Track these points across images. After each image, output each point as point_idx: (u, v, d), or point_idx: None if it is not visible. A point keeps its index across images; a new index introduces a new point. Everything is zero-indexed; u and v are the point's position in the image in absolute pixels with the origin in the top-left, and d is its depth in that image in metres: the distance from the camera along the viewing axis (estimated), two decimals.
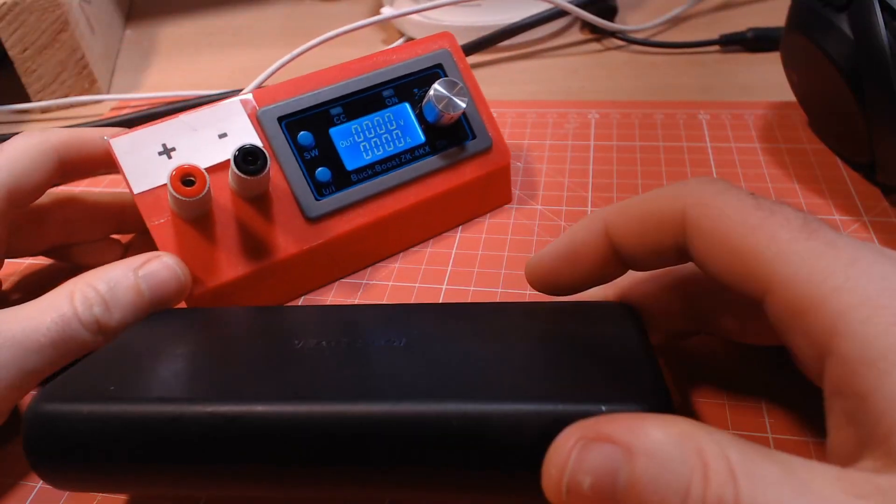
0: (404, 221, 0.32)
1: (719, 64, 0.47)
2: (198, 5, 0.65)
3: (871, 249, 0.16)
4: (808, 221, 0.17)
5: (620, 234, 0.21)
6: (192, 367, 0.20)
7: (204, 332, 0.23)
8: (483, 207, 0.34)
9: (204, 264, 0.28)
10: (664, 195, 0.20)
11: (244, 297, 0.29)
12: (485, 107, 0.33)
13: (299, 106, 0.30)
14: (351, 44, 0.52)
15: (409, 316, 0.23)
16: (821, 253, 0.16)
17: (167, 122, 0.28)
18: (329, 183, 0.30)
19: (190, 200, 0.26)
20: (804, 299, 0.16)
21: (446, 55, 0.33)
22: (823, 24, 0.32)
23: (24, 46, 0.47)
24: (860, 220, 0.32)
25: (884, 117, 0.30)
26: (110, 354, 0.21)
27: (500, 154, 0.33)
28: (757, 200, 0.18)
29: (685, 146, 0.38)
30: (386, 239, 0.32)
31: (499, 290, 0.30)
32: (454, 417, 0.16)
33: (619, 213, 0.21)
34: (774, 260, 0.16)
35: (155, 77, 0.54)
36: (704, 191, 0.19)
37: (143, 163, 0.28)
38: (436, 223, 0.33)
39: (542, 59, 0.50)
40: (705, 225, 0.18)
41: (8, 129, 0.48)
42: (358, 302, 0.30)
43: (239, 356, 0.21)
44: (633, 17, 0.54)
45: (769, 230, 0.17)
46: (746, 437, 0.23)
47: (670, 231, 0.19)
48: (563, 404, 0.16)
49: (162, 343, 0.22)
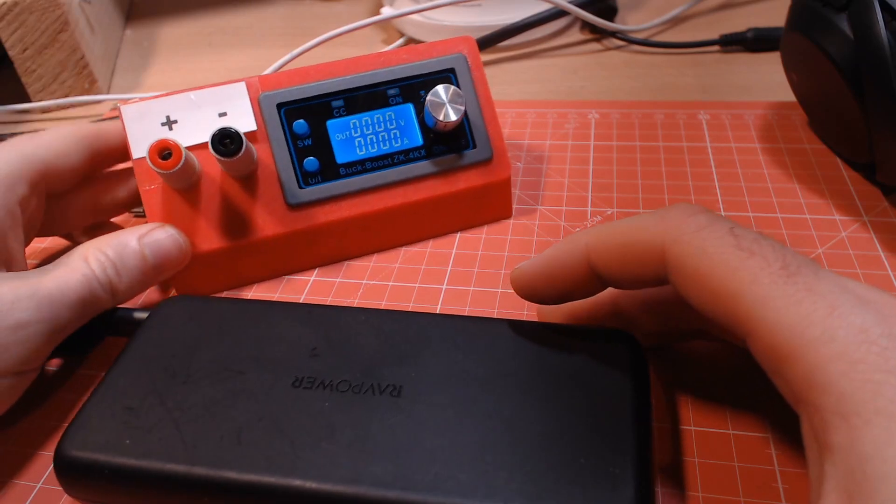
0: (388, 221, 0.32)
1: (719, 64, 0.47)
2: (198, 5, 0.65)
3: (851, 295, 0.16)
4: (788, 262, 0.17)
5: (602, 261, 0.21)
6: (194, 420, 0.22)
7: (206, 360, 0.24)
8: (479, 219, 0.34)
9: (186, 232, 0.29)
10: (645, 227, 0.20)
11: (222, 269, 0.31)
12: (493, 117, 0.32)
13: (301, 94, 0.31)
14: (351, 44, 0.52)
15: (410, 348, 0.23)
16: (800, 300, 0.16)
17: (174, 96, 0.30)
18: (316, 173, 0.31)
19: (165, 173, 0.27)
20: (783, 348, 0.16)
21: (461, 60, 0.32)
22: (823, 24, 0.32)
23: (24, 46, 0.47)
24: (860, 220, 0.32)
25: (884, 117, 0.30)
26: (122, 388, 0.23)
27: (499, 167, 0.32)
28: (737, 238, 0.18)
29: (685, 146, 0.38)
30: (368, 235, 0.32)
31: (499, 290, 0.30)
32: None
33: (600, 240, 0.21)
34: (755, 305, 0.17)
35: (155, 77, 0.54)
36: (684, 227, 0.19)
37: (147, 131, 0.29)
38: (424, 227, 0.33)
39: (542, 59, 0.50)
40: (686, 264, 0.18)
41: (8, 129, 0.48)
42: (358, 302, 0.30)
43: (237, 405, 0.22)
44: (633, 17, 0.54)
45: (750, 272, 0.17)
46: (747, 436, 0.23)
47: (651, 264, 0.19)
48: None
49: (166, 382, 0.23)
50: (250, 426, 0.21)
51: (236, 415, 0.21)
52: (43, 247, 0.35)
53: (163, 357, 0.24)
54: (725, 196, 0.34)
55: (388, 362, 0.23)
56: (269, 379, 0.22)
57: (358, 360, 0.23)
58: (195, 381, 0.23)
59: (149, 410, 0.22)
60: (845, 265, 0.30)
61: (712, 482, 0.22)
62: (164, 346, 0.24)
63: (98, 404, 0.22)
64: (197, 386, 0.22)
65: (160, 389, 0.22)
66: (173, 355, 0.24)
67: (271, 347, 0.24)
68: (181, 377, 0.23)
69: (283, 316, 0.25)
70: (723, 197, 0.34)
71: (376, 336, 0.24)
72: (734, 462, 0.23)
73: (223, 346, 0.24)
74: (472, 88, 0.32)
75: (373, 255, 0.33)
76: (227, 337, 0.24)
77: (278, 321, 0.25)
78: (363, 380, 0.22)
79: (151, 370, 0.23)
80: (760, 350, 0.17)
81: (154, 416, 0.22)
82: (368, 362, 0.23)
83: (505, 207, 0.34)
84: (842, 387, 0.15)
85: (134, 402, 0.22)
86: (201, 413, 0.22)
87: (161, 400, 0.22)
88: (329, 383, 0.22)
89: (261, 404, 0.22)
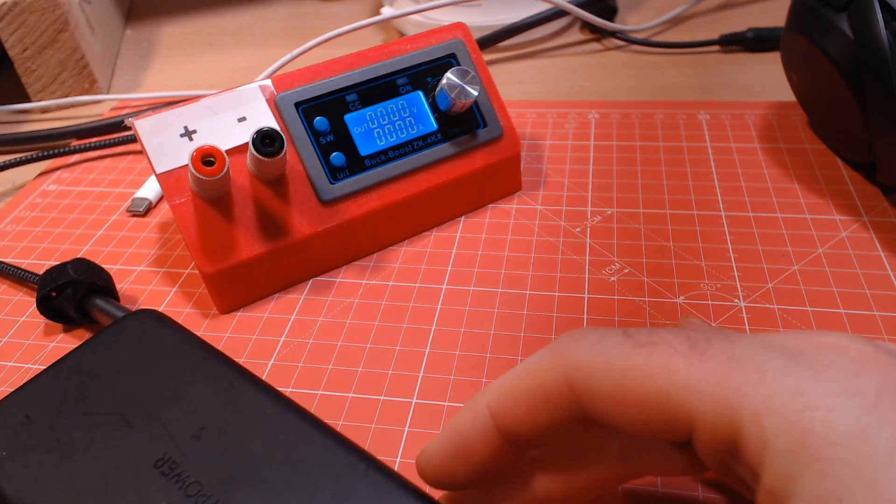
0: (415, 206, 0.33)
1: (719, 64, 0.47)
2: (198, 5, 0.65)
3: (776, 352, 0.15)
4: (694, 340, 0.16)
5: (509, 421, 0.18)
6: (60, 461, 0.22)
7: (113, 396, 0.24)
8: (494, 194, 0.35)
9: (221, 243, 0.29)
10: (542, 368, 0.17)
11: (260, 275, 0.30)
12: (496, 96, 0.34)
13: (316, 92, 0.31)
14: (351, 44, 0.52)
15: (281, 478, 0.21)
16: (725, 375, 0.15)
17: (190, 106, 0.29)
18: (343, 167, 0.31)
19: (210, 180, 0.27)
20: (725, 433, 0.14)
21: (460, 45, 0.34)
22: (823, 24, 0.32)
23: (24, 46, 0.47)
24: (860, 220, 0.32)
25: (884, 117, 0.30)
26: (38, 394, 0.23)
27: (510, 143, 0.34)
28: (633, 337, 0.16)
29: (685, 146, 0.38)
30: (397, 222, 0.33)
31: (499, 290, 0.30)
32: None
33: (501, 398, 0.18)
34: (682, 397, 0.15)
35: (155, 77, 0.54)
36: (580, 350, 0.17)
37: (166, 144, 0.29)
38: (446, 208, 0.34)
39: (542, 59, 0.50)
40: (597, 385, 0.16)
41: (8, 129, 0.48)
42: (358, 301, 0.30)
43: (100, 460, 0.22)
44: (633, 17, 0.54)
45: (661, 365, 0.15)
46: None
47: (563, 404, 0.17)
48: None
49: (71, 405, 0.23)
50: (90, 491, 0.21)
51: (91, 473, 0.21)
52: (43, 246, 0.35)
53: (88, 375, 0.24)
54: (725, 196, 0.34)
55: (249, 483, 0.21)
56: (142, 445, 0.22)
57: (225, 466, 0.21)
58: (91, 416, 0.23)
59: (40, 429, 0.22)
60: (845, 265, 0.30)
61: (713, 481, 0.22)
62: (96, 364, 0.24)
63: (9, 401, 0.23)
64: (90, 422, 0.22)
65: (62, 410, 0.23)
66: (96, 377, 0.24)
67: (171, 407, 0.23)
68: (84, 405, 0.23)
69: (206, 374, 0.24)
70: (723, 197, 0.34)
71: (264, 443, 0.22)
72: None
73: (137, 385, 0.24)
74: (475, 70, 0.33)
75: (373, 255, 0.33)
76: (147, 377, 0.24)
77: (199, 378, 0.24)
78: (212, 492, 0.21)
79: (70, 386, 0.23)
80: (706, 442, 0.15)
81: (39, 437, 0.22)
82: (231, 473, 0.21)
83: (515, 181, 0.36)
84: (789, 469, 0.13)
85: (36, 413, 0.22)
86: (69, 454, 0.22)
87: (55, 422, 0.22)
88: (185, 478, 0.21)
89: (117, 472, 0.21)
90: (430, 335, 0.28)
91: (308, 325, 0.29)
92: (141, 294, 0.32)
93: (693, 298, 0.29)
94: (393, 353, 0.28)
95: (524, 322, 0.28)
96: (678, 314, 0.28)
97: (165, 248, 0.34)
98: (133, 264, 0.34)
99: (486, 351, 0.27)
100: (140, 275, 0.33)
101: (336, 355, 0.28)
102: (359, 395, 0.26)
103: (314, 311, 0.30)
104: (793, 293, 0.29)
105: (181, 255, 0.34)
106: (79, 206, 0.38)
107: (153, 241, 0.35)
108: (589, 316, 0.28)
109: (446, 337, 0.28)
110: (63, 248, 0.35)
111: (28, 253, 0.35)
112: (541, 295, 0.30)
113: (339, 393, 0.26)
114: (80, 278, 0.29)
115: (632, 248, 0.32)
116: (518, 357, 0.27)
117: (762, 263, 0.30)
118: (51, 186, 0.40)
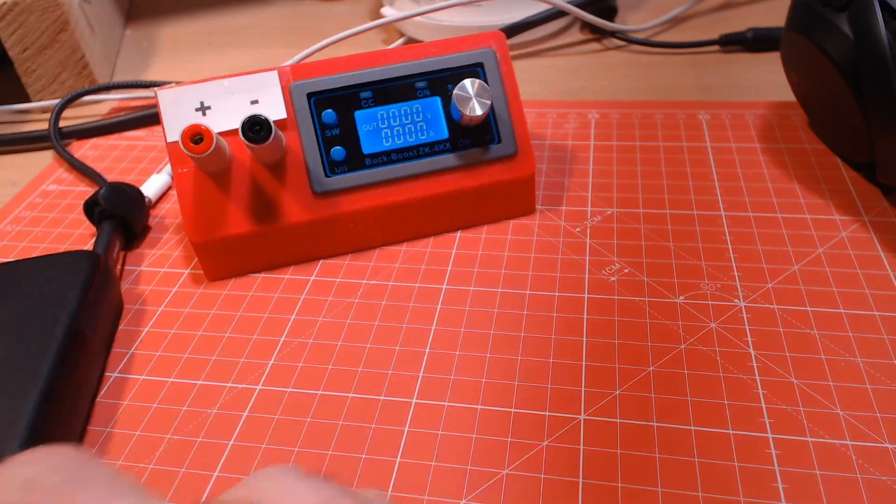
0: (410, 212, 0.32)
1: (719, 64, 0.47)
2: (198, 5, 0.65)
3: None
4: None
5: None
6: None
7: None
8: (501, 214, 0.34)
9: (214, 215, 0.31)
10: None
11: (245, 252, 0.31)
12: (519, 113, 0.33)
13: (331, 85, 0.31)
14: (352, 43, 0.52)
15: None
16: None
17: (209, 83, 0.31)
18: (342, 162, 0.31)
19: (197, 157, 0.28)
20: None
21: (490, 56, 0.32)
22: (823, 24, 0.32)
23: (24, 46, 0.47)
24: (860, 220, 0.32)
25: (884, 117, 0.30)
26: None
27: (524, 163, 0.33)
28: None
29: (685, 146, 0.38)
30: (390, 225, 0.33)
31: (499, 290, 0.30)
32: None
33: None
34: None
35: (155, 77, 0.54)
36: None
37: (181, 115, 0.30)
38: (447, 220, 0.33)
39: (542, 59, 0.50)
40: None
41: (8, 129, 0.48)
42: (358, 301, 0.30)
43: None
44: (633, 17, 0.54)
45: None
46: (748, 436, 0.23)
47: None
48: None
49: None
50: None
51: None
52: (43, 246, 0.35)
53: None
54: (725, 196, 0.34)
55: None
56: None
57: None
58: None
59: None
60: (845, 265, 0.30)
61: (712, 482, 0.22)
62: (19, 277, 0.27)
63: None
64: None
65: None
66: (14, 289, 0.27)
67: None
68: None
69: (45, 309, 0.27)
70: (723, 197, 0.34)
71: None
72: (734, 462, 0.23)
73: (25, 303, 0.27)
74: (500, 83, 0.32)
75: (373, 255, 0.33)
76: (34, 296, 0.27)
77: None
78: None
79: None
80: None
81: None
82: None
83: (528, 204, 0.34)
84: None
85: None
86: None
87: None
88: None
89: None
90: (430, 335, 0.28)
91: (308, 325, 0.29)
92: (143, 293, 0.32)
93: (693, 298, 0.29)
94: (393, 353, 0.28)
95: (524, 322, 0.29)
96: (678, 314, 0.28)
97: (165, 248, 0.34)
98: (133, 264, 0.34)
99: (486, 351, 0.27)
100: (140, 274, 0.33)
101: (336, 355, 0.28)
102: (359, 395, 0.26)
103: (314, 311, 0.30)
104: (793, 293, 0.29)
105: (181, 256, 0.34)
106: (79, 206, 0.38)
107: (153, 241, 0.35)
108: (589, 316, 0.28)
109: (446, 337, 0.28)
110: (63, 248, 0.35)
111: (28, 253, 0.35)
112: (541, 295, 0.30)
113: (339, 393, 0.26)
114: (108, 207, 0.33)
115: (632, 248, 0.32)
116: (518, 357, 0.27)
117: (762, 263, 0.30)
118: (51, 186, 0.40)
